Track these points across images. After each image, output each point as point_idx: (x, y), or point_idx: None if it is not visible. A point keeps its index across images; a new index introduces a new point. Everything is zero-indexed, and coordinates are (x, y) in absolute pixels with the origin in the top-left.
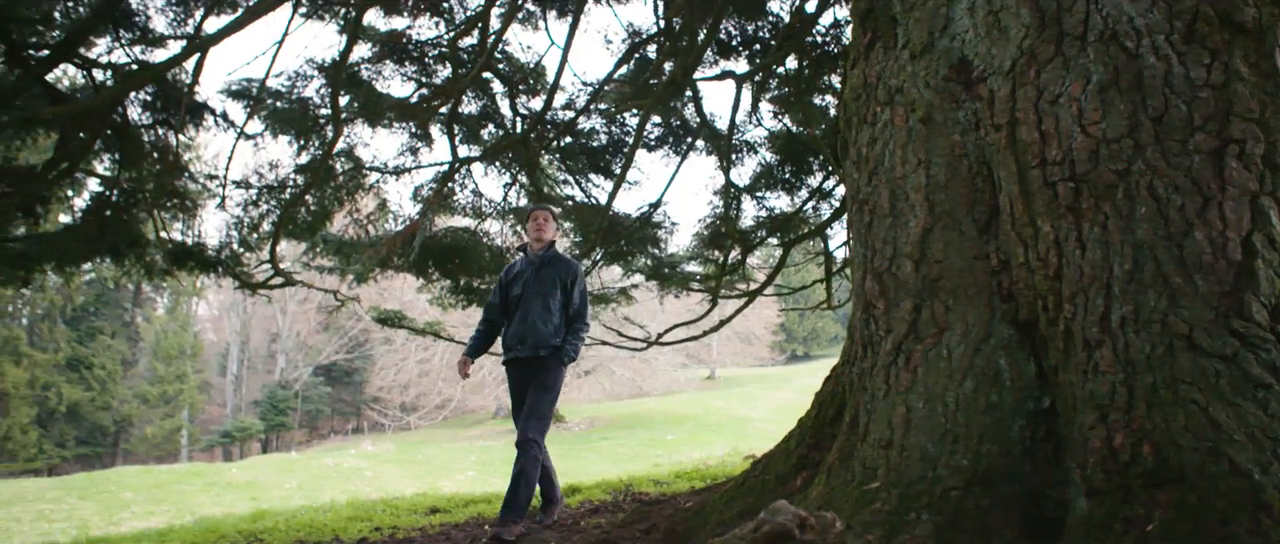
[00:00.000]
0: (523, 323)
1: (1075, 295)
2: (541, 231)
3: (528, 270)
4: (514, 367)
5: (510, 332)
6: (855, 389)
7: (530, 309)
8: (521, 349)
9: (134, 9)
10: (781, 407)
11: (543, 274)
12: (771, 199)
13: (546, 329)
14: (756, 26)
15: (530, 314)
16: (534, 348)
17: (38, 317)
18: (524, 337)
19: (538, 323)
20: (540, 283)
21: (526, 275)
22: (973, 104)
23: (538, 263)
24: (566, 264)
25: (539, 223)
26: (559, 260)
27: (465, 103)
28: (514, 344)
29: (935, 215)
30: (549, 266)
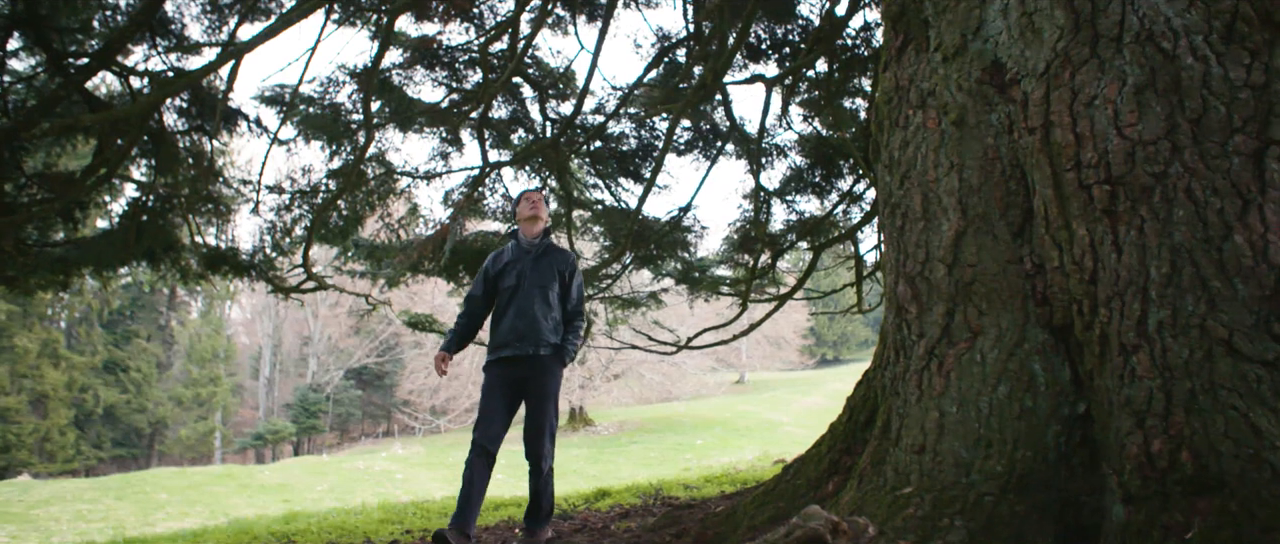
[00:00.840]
0: (520, 318)
1: (1111, 299)
2: (537, 214)
3: (523, 260)
4: (506, 366)
5: (503, 327)
6: (887, 394)
7: (529, 302)
8: (519, 346)
9: (170, 17)
10: (811, 411)
11: (541, 264)
12: (801, 203)
13: (547, 325)
14: (786, 30)
15: (529, 308)
16: (533, 345)
17: (76, 320)
18: (522, 333)
19: (538, 318)
20: (539, 274)
21: (521, 265)
22: (1006, 107)
23: (535, 252)
24: (564, 254)
25: (534, 204)
26: (556, 250)
27: (495, 107)
28: (509, 340)
29: (968, 219)
30: (547, 256)
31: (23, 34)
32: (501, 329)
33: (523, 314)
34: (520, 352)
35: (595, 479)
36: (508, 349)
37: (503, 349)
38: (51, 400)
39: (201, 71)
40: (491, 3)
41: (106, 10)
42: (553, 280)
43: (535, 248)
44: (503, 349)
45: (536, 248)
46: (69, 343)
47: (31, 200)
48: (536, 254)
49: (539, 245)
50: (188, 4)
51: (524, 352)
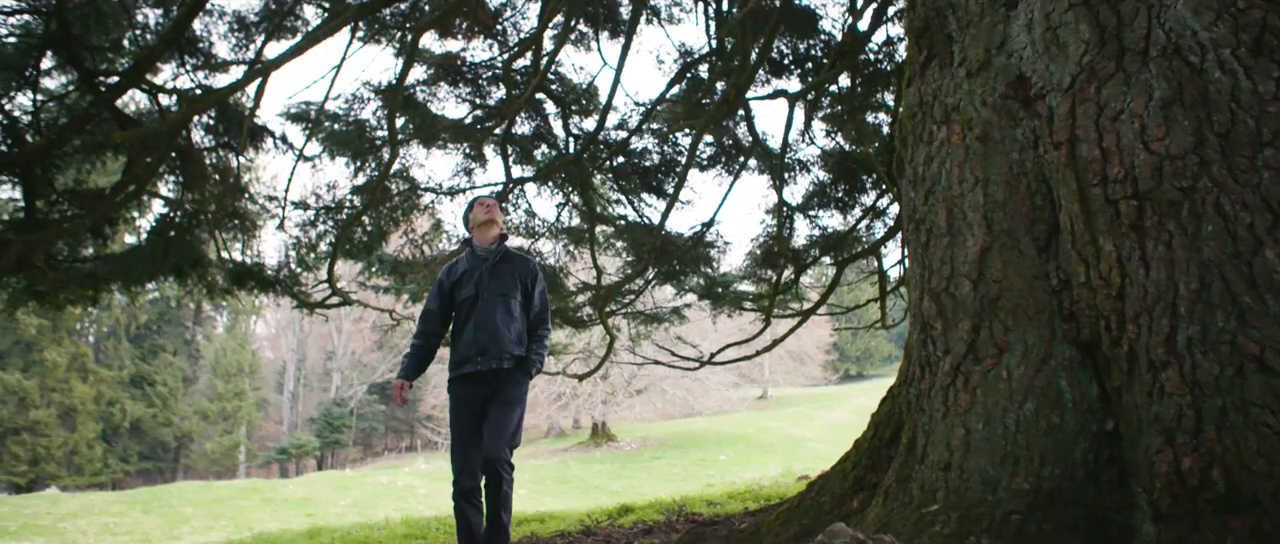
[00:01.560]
0: (480, 330)
1: (1139, 315)
2: (492, 219)
3: (479, 268)
4: (469, 383)
5: (463, 341)
6: (913, 410)
7: (489, 314)
8: (481, 361)
9: (198, 36)
10: (835, 427)
11: (500, 271)
12: (824, 218)
13: (509, 336)
14: (808, 45)
15: (490, 320)
16: (497, 359)
17: (103, 334)
18: (484, 347)
19: (501, 329)
20: (498, 283)
21: (478, 274)
22: (1031, 121)
23: (492, 259)
24: (524, 260)
25: (489, 209)
26: (515, 256)
27: (519, 123)
28: (470, 355)
29: (994, 234)
30: (506, 263)
31: (56, 53)
32: (462, 343)
33: (483, 326)
34: (483, 366)
35: (618, 495)
36: (469, 365)
37: (464, 365)
38: (80, 414)
39: (229, 89)
40: (515, 19)
41: (136, 29)
42: (514, 288)
43: (491, 255)
44: (464, 365)
45: (493, 255)
46: (97, 357)
47: (62, 216)
48: (494, 261)
49: (495, 252)
50: (215, 22)
51: (486, 366)
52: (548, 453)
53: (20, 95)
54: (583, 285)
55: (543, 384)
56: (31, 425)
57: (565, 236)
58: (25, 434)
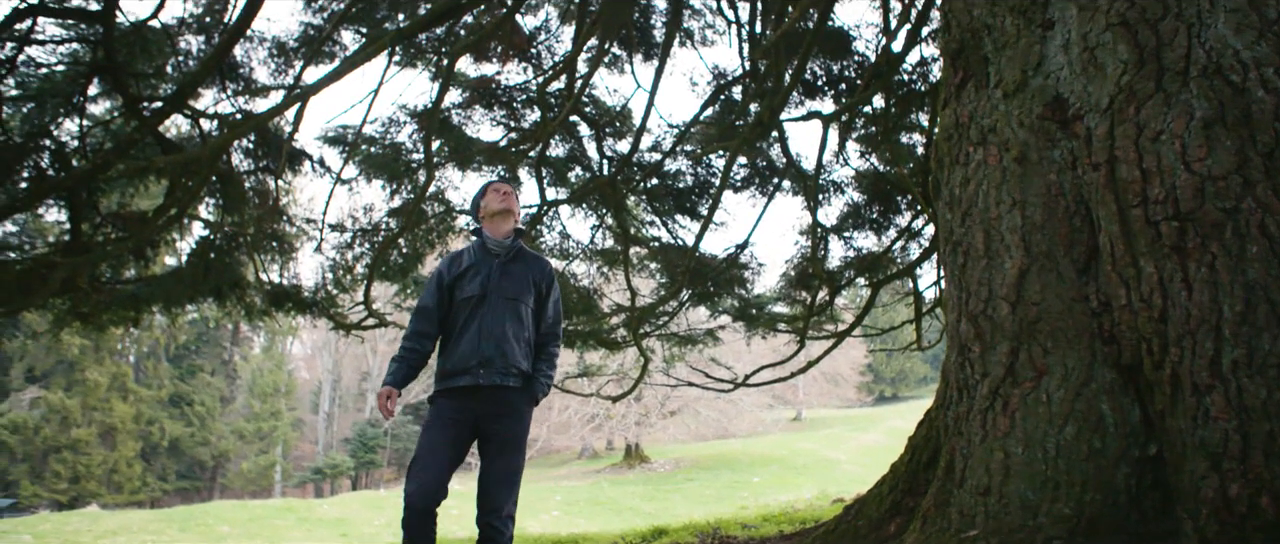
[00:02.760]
0: (484, 337)
1: (1182, 338)
2: (509, 208)
3: (489, 266)
4: (461, 398)
5: (462, 348)
6: (950, 434)
7: (497, 319)
8: (483, 375)
9: (239, 62)
10: (869, 449)
11: (512, 271)
12: (859, 239)
13: (518, 349)
14: (842, 66)
15: (497, 325)
16: (501, 374)
17: (143, 355)
18: (488, 358)
19: (509, 339)
20: (510, 283)
21: (487, 273)
22: (1069, 143)
23: (505, 256)
24: (540, 261)
25: (505, 197)
26: (530, 255)
27: (553, 146)
28: (469, 365)
29: (1032, 256)
30: (520, 263)
31: (102, 80)
32: (459, 351)
33: (488, 333)
34: (483, 381)
35: (651, 517)
36: (466, 376)
37: (459, 376)
38: (120, 433)
39: (268, 114)
40: (549, 43)
41: (179, 56)
42: (527, 292)
43: (505, 251)
44: (459, 376)
45: (506, 251)
46: (137, 377)
47: (106, 239)
48: (506, 259)
49: (509, 248)
50: (255, 48)
51: (489, 381)
52: (581, 474)
53: (68, 121)
54: (617, 307)
55: (576, 405)
56: (73, 444)
57: (599, 258)
58: (67, 452)
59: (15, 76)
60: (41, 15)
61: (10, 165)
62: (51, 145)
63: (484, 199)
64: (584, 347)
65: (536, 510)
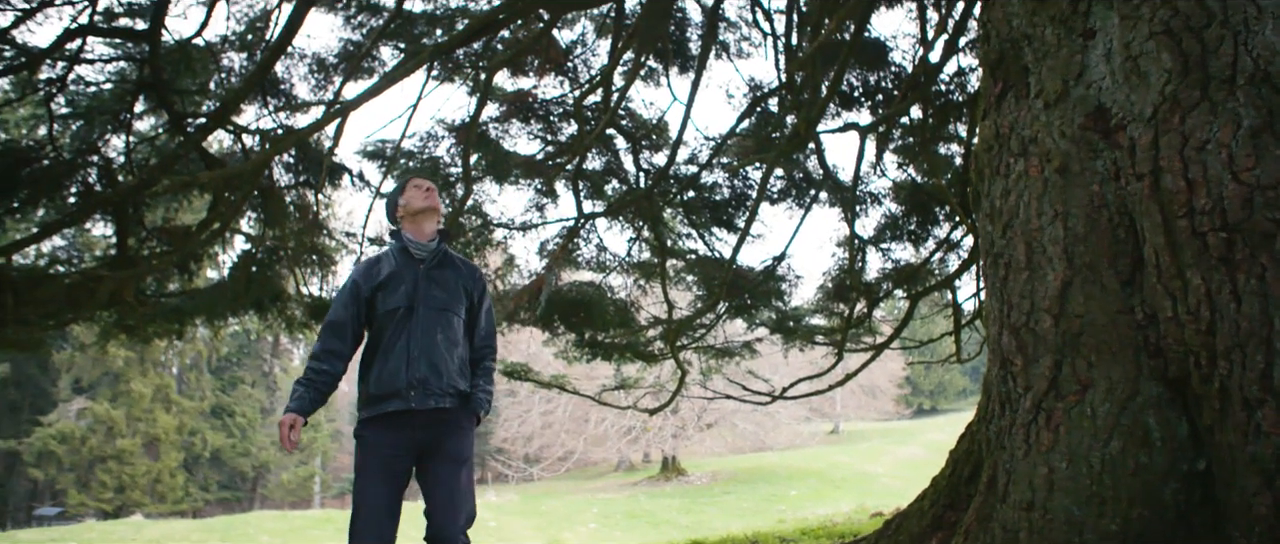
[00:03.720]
0: (415, 356)
1: (1231, 351)
2: (433, 206)
3: (413, 273)
4: (395, 427)
5: (389, 368)
6: (993, 448)
7: (427, 334)
8: (416, 398)
9: (280, 78)
10: (908, 462)
11: (440, 279)
12: (897, 251)
13: (453, 365)
14: (879, 77)
15: (428, 341)
16: (438, 395)
17: (186, 366)
18: (421, 378)
19: (443, 356)
20: (439, 293)
21: (413, 281)
22: (1112, 153)
23: (430, 261)
24: (469, 266)
25: (429, 194)
26: (457, 260)
27: (590, 159)
28: (399, 388)
29: (1075, 268)
30: (447, 268)
31: (147, 97)
32: (386, 372)
33: (418, 350)
34: (418, 405)
35: (689, 529)
36: (396, 401)
37: (388, 400)
38: (163, 443)
39: (309, 129)
40: (585, 57)
41: (222, 73)
42: (458, 301)
43: (430, 255)
44: (388, 400)
45: (431, 255)
46: (180, 388)
47: (152, 253)
48: (432, 264)
49: (434, 251)
50: (296, 64)
51: (423, 405)
52: (617, 487)
53: (115, 138)
54: (654, 320)
55: (613, 418)
56: (118, 454)
57: (636, 271)
58: (112, 462)
59: (66, 95)
60: (91, 35)
61: (60, 181)
62: (99, 161)
63: (403, 196)
64: (621, 359)
65: (573, 523)
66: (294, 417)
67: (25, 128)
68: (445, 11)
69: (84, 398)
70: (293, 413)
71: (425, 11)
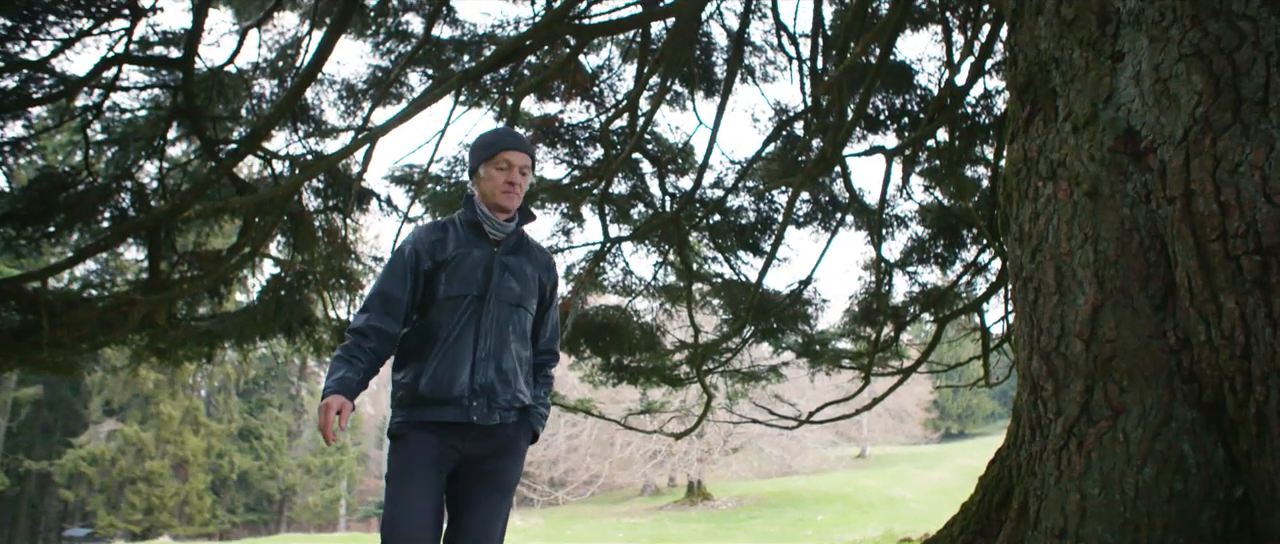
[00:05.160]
0: (483, 358)
1: (1268, 376)
2: (516, 186)
3: (484, 254)
4: (448, 437)
5: (449, 368)
6: (1023, 474)
7: (499, 332)
8: (478, 410)
9: (310, 104)
10: (936, 487)
11: (515, 267)
12: (924, 274)
13: (523, 375)
14: (905, 100)
15: (499, 342)
16: (504, 409)
17: (215, 389)
18: (487, 386)
19: (515, 361)
20: (514, 283)
21: (485, 265)
22: (1142, 176)
23: (508, 244)
24: (544, 254)
25: (508, 185)
26: (532, 244)
27: (616, 183)
28: (461, 395)
29: (1106, 292)
30: (522, 254)
31: (180, 124)
32: (444, 372)
33: (487, 351)
34: (479, 418)
35: None
36: (453, 409)
37: (443, 407)
38: (191, 465)
39: (338, 155)
40: (611, 81)
41: (253, 99)
42: (531, 296)
43: (507, 237)
44: (443, 407)
45: (509, 237)
46: (208, 410)
47: (183, 277)
48: (508, 247)
49: (512, 233)
50: (325, 91)
51: (487, 420)
52: (643, 511)
53: (148, 163)
54: (680, 344)
55: (638, 442)
56: (147, 476)
57: (662, 295)
58: (141, 484)
59: (101, 121)
60: (127, 63)
61: (94, 206)
62: (133, 187)
63: (485, 166)
64: (647, 383)
65: None
66: (341, 399)
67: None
68: (473, 37)
69: (114, 420)
70: (338, 395)
71: (453, 38)
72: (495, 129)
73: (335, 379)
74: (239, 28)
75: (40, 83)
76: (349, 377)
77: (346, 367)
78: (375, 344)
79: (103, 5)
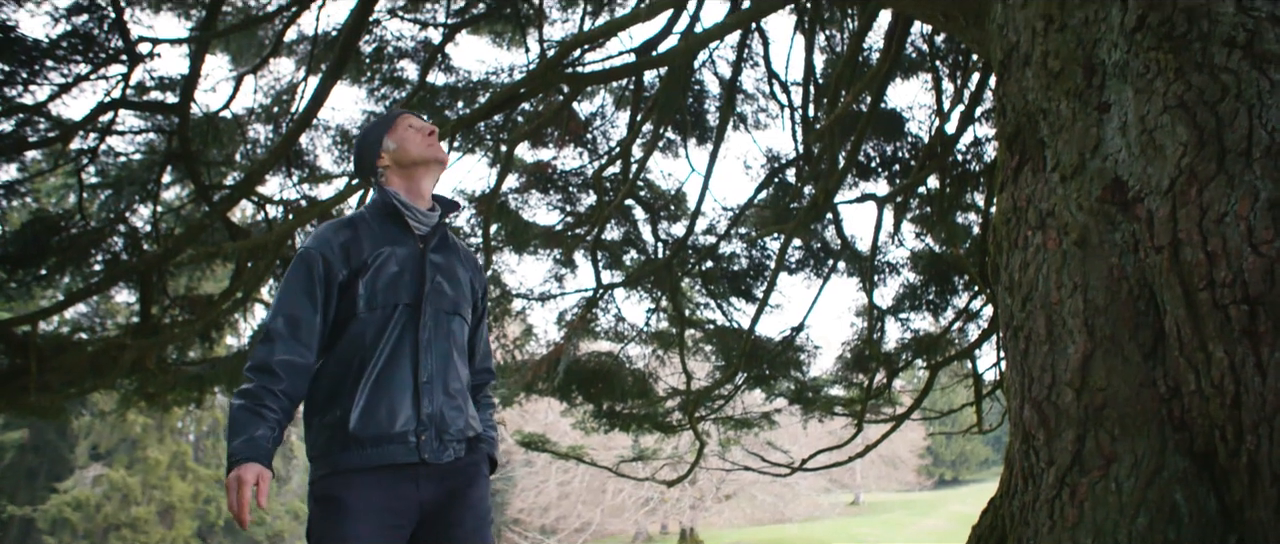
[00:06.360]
0: (425, 381)
1: (1258, 425)
2: (438, 157)
3: (409, 251)
4: (397, 482)
5: (388, 396)
6: (1016, 524)
7: (439, 347)
8: (427, 444)
9: (304, 149)
10: (930, 534)
11: (446, 267)
12: (916, 320)
13: (462, 393)
14: (896, 147)
15: (441, 358)
16: (456, 440)
17: (203, 433)
18: (435, 416)
19: (459, 379)
20: (446, 284)
21: (413, 264)
22: (1130, 225)
23: (434, 238)
24: (468, 253)
25: (430, 136)
26: (457, 241)
27: (608, 229)
28: (405, 429)
29: (1096, 341)
30: (450, 252)
31: (175, 168)
32: (382, 403)
33: (432, 372)
34: (431, 456)
35: None
36: (399, 448)
37: (387, 446)
38: (178, 511)
39: (332, 201)
40: (604, 128)
41: (248, 144)
42: (466, 303)
43: (433, 229)
44: (387, 446)
45: (435, 230)
46: (196, 455)
47: (174, 321)
48: (435, 242)
49: (437, 225)
50: (320, 136)
51: (439, 458)
52: None
53: (142, 207)
54: (672, 390)
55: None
56: (133, 522)
57: (654, 341)
58: (126, 530)
59: (96, 165)
60: (123, 108)
61: (87, 250)
62: (126, 231)
63: (391, 134)
64: (639, 430)
65: None
66: (257, 469)
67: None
68: (468, 84)
69: (101, 464)
70: (251, 464)
71: (448, 84)
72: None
73: (242, 441)
74: (235, 74)
75: (36, 126)
76: (261, 436)
77: (254, 421)
78: (287, 384)
79: (101, 51)
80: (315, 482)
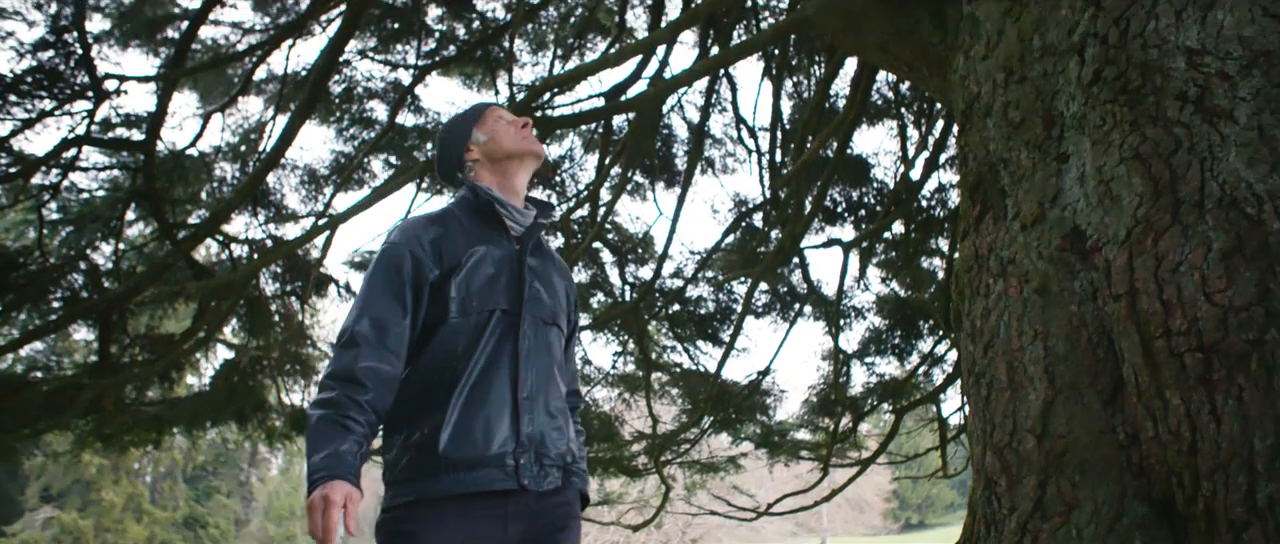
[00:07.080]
0: (525, 398)
1: (1214, 471)
2: (534, 150)
3: (505, 252)
4: (490, 510)
5: (470, 413)
6: None
7: (539, 361)
8: (527, 470)
9: (271, 189)
10: None
11: (542, 273)
12: (881, 365)
13: (563, 413)
14: (862, 193)
15: (541, 374)
16: (559, 467)
17: (160, 475)
18: (536, 438)
19: (560, 397)
20: (543, 292)
21: (510, 267)
22: (1089, 274)
23: (530, 241)
24: (562, 261)
25: (525, 128)
26: (547, 244)
27: (576, 272)
28: (501, 452)
29: (1057, 388)
30: (546, 256)
31: (138, 205)
32: (470, 420)
33: (532, 388)
34: (531, 482)
35: None
36: (494, 472)
37: (481, 469)
38: None
39: (298, 241)
40: (573, 171)
41: (214, 182)
42: (562, 313)
43: (529, 230)
44: (481, 469)
45: (531, 231)
46: (153, 497)
47: (134, 361)
48: (532, 245)
49: (532, 222)
50: (288, 175)
51: (538, 483)
52: None
53: (103, 244)
54: (638, 434)
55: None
56: None
57: (621, 384)
58: None
59: (58, 201)
60: (87, 145)
61: (46, 287)
62: (86, 268)
63: (481, 126)
64: (605, 474)
65: None
66: (347, 488)
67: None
68: (437, 125)
69: (52, 507)
70: (339, 481)
71: (417, 125)
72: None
73: (326, 455)
74: (203, 111)
75: None
76: (347, 451)
77: (340, 433)
78: (373, 395)
79: (66, 87)
80: (390, 512)
